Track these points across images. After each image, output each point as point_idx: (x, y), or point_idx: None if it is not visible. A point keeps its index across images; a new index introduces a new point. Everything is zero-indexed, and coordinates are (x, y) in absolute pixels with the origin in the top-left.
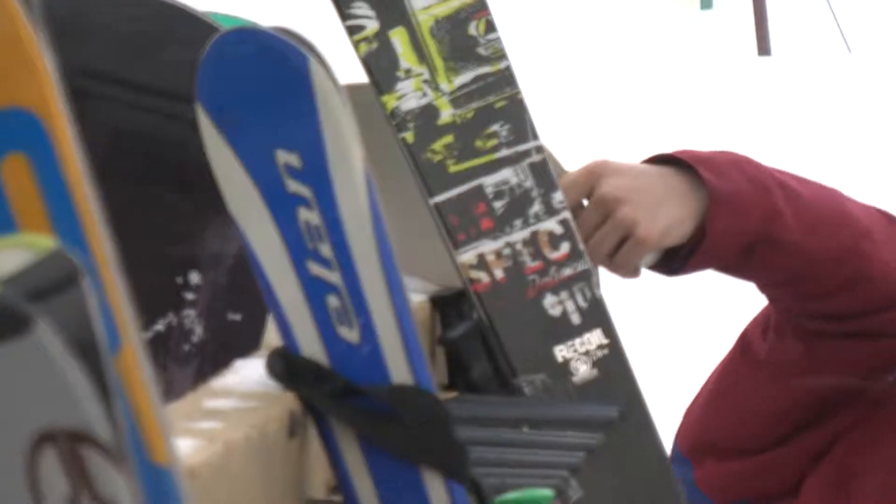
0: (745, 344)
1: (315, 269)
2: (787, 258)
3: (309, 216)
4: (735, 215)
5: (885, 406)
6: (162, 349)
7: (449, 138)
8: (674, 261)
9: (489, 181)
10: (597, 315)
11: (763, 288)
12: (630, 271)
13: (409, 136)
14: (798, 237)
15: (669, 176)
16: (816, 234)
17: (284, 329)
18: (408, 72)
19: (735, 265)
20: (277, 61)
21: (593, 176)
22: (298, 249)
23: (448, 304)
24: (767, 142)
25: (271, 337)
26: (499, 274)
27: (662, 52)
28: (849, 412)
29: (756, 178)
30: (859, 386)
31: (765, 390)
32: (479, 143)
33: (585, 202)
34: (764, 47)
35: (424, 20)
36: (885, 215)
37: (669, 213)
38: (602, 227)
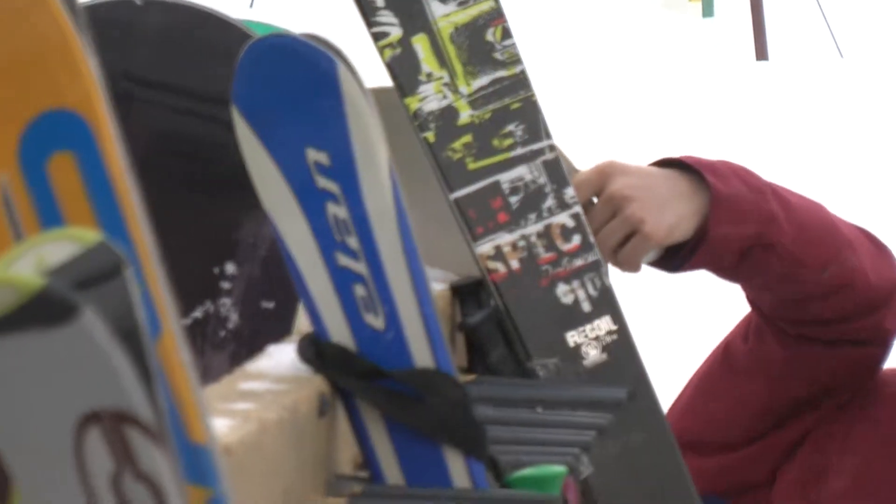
0: (726, 348)
1: (343, 260)
2: (778, 261)
3: (337, 210)
4: (735, 218)
5: (856, 403)
6: (200, 335)
7: (468, 138)
8: (675, 259)
9: (505, 178)
10: (606, 303)
11: (751, 291)
12: (632, 266)
13: (430, 135)
14: (790, 242)
15: (674, 178)
16: (806, 241)
17: (314, 316)
18: (429, 76)
19: (730, 265)
20: (307, 66)
21: (604, 175)
22: (327, 242)
23: (467, 293)
24: (765, 141)
25: (302, 323)
26: (514, 264)
27: (667, 57)
28: (822, 409)
29: (753, 185)
30: (834, 389)
31: (743, 392)
32: (495, 142)
33: (595, 199)
34: (762, 53)
35: (445, 27)
36: (863, 232)
37: (674, 211)
38: (610, 222)
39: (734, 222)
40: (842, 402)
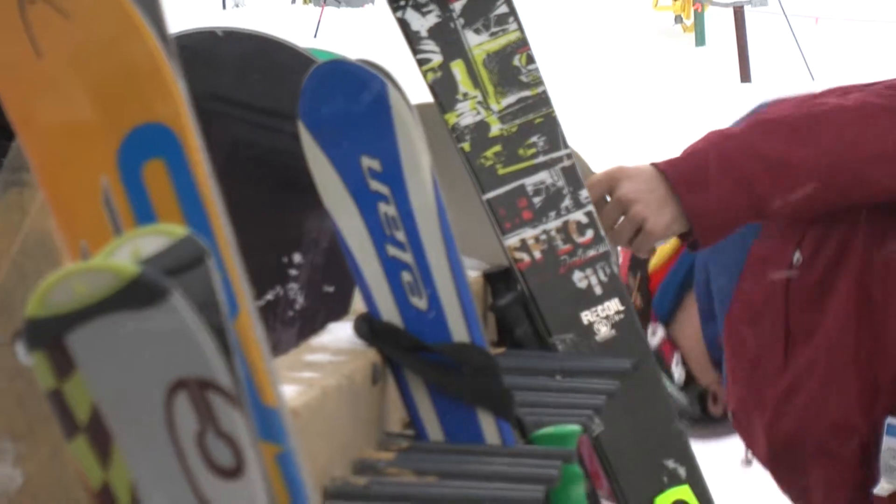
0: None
1: (392, 250)
2: (782, 211)
3: (387, 209)
4: (716, 217)
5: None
6: (271, 315)
7: (498, 147)
8: (688, 240)
9: (529, 181)
10: (614, 287)
11: None
12: (646, 253)
13: (466, 145)
14: (787, 203)
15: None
16: (808, 190)
17: (368, 298)
18: (465, 95)
19: (740, 228)
20: (362, 87)
21: (613, 179)
22: (379, 235)
23: (497, 279)
24: None
25: (357, 305)
26: (537, 255)
27: (665, 78)
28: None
29: (741, 175)
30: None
31: None
32: (521, 152)
33: (608, 198)
34: (745, 76)
35: (478, 54)
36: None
37: (671, 210)
38: (620, 221)
39: (715, 220)
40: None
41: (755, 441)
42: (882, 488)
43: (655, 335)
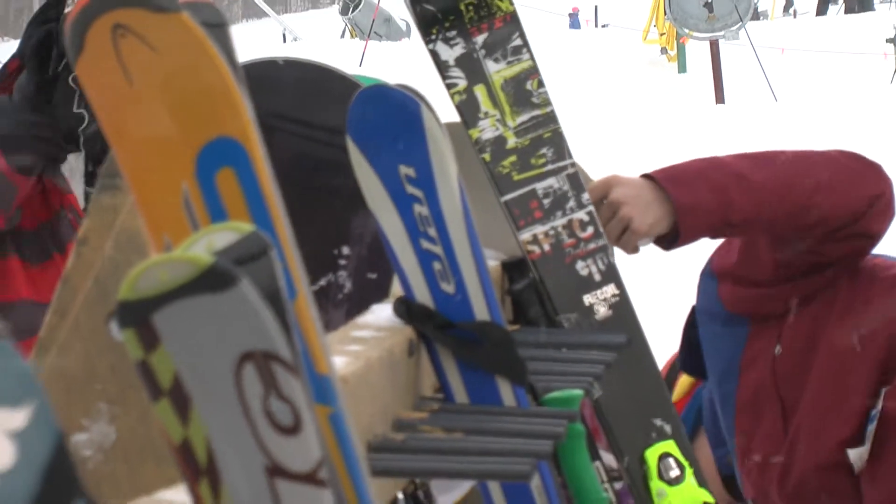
0: None
1: (425, 244)
2: (746, 229)
3: (421, 209)
4: (697, 217)
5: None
6: (323, 298)
7: (513, 158)
8: (665, 242)
9: (540, 186)
10: (611, 274)
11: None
12: (630, 251)
13: (486, 156)
14: (751, 215)
15: (656, 187)
16: (767, 207)
17: (405, 284)
18: (486, 114)
19: (710, 237)
20: (400, 107)
21: (608, 185)
22: (414, 231)
23: (513, 267)
24: None
25: (396, 289)
26: (546, 247)
27: (652, 101)
28: (826, 275)
29: (717, 183)
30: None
31: (763, 257)
32: (533, 161)
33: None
34: (720, 98)
35: (497, 79)
36: (844, 155)
37: (654, 213)
38: (611, 221)
39: (696, 221)
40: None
41: None
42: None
43: None
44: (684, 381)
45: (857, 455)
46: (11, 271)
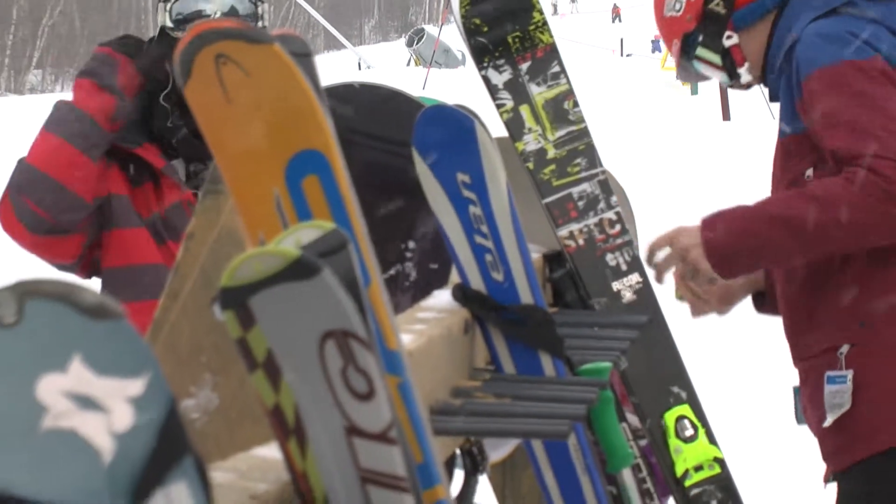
0: None
1: (478, 239)
2: (748, 261)
3: (475, 210)
4: (725, 250)
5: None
6: (393, 285)
7: (552, 166)
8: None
9: (575, 190)
10: (635, 265)
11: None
12: (706, 284)
13: (530, 165)
14: (744, 257)
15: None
16: (745, 244)
17: (461, 273)
18: (529, 129)
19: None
20: (457, 123)
21: (673, 238)
22: (469, 228)
23: (553, 259)
24: (727, 172)
25: (454, 277)
26: (581, 242)
27: (669, 118)
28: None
29: (726, 234)
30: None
31: None
32: (569, 169)
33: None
34: (726, 116)
35: (539, 100)
36: (795, 191)
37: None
38: (680, 265)
39: (726, 250)
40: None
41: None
42: (827, 422)
43: (730, 39)
44: None
45: None
46: (142, 239)
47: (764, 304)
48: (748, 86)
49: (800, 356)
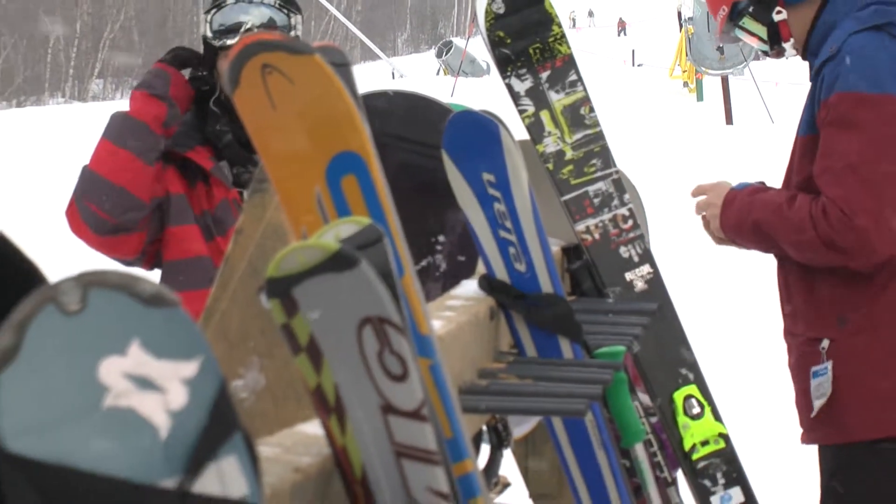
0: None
1: (503, 234)
2: (746, 243)
3: (499, 207)
4: (729, 228)
5: None
6: (424, 275)
7: (570, 167)
8: None
9: (591, 189)
10: (646, 257)
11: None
12: (716, 240)
13: (550, 165)
14: (742, 237)
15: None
16: (743, 230)
17: (487, 264)
18: (549, 133)
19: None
20: (483, 127)
21: (705, 189)
22: (494, 224)
23: (571, 251)
24: (730, 172)
25: (480, 268)
26: (596, 236)
27: (677, 122)
28: None
29: (737, 214)
30: None
31: None
32: (586, 169)
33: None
34: (729, 120)
35: (558, 106)
36: (787, 197)
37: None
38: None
39: (730, 229)
40: None
41: None
42: (814, 412)
43: (780, 14)
44: None
45: None
46: (195, 235)
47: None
48: (780, 54)
49: (788, 331)
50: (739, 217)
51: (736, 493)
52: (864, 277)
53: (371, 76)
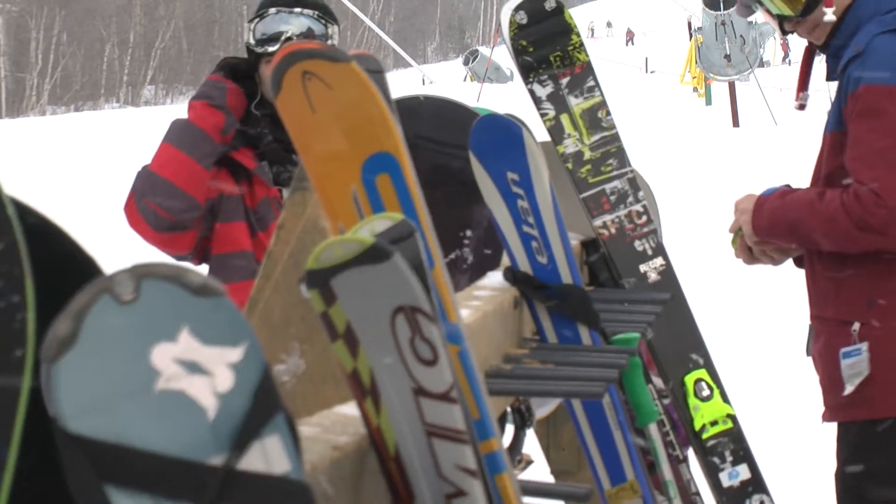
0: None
1: (526, 228)
2: (780, 241)
3: (522, 203)
4: (762, 229)
5: None
6: (453, 267)
7: (588, 166)
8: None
9: (608, 187)
10: (659, 250)
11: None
12: (752, 243)
13: (569, 165)
14: (777, 237)
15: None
16: (777, 229)
17: (511, 257)
18: (569, 135)
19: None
20: (507, 130)
21: (742, 202)
22: (517, 219)
23: (589, 245)
24: (736, 171)
25: (505, 261)
26: (613, 230)
27: (687, 125)
28: None
29: (769, 216)
30: None
31: None
32: (603, 169)
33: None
34: (736, 123)
35: (577, 110)
36: (816, 193)
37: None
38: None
39: (763, 233)
40: None
41: None
42: (847, 391)
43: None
44: None
45: None
46: (242, 231)
47: (802, 262)
48: (791, 32)
49: (816, 315)
50: (772, 218)
51: (743, 470)
52: (891, 262)
53: (403, 82)
